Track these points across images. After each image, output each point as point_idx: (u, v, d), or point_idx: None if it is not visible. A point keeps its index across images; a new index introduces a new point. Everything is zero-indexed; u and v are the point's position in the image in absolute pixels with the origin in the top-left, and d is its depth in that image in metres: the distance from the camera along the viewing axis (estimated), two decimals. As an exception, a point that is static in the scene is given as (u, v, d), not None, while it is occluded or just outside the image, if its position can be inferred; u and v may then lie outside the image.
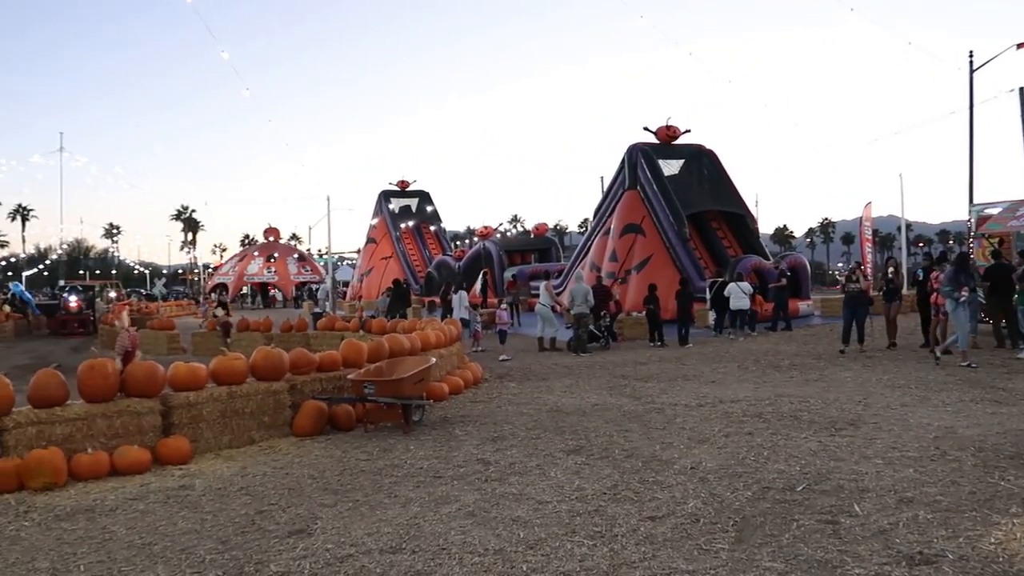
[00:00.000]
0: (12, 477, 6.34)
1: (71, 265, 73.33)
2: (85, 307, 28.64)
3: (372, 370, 8.98)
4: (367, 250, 47.55)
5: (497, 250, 35.63)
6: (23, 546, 5.03)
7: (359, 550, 4.70)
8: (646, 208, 23.95)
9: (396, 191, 47.83)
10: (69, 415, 6.91)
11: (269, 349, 8.56)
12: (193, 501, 5.98)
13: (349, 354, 9.51)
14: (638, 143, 25.00)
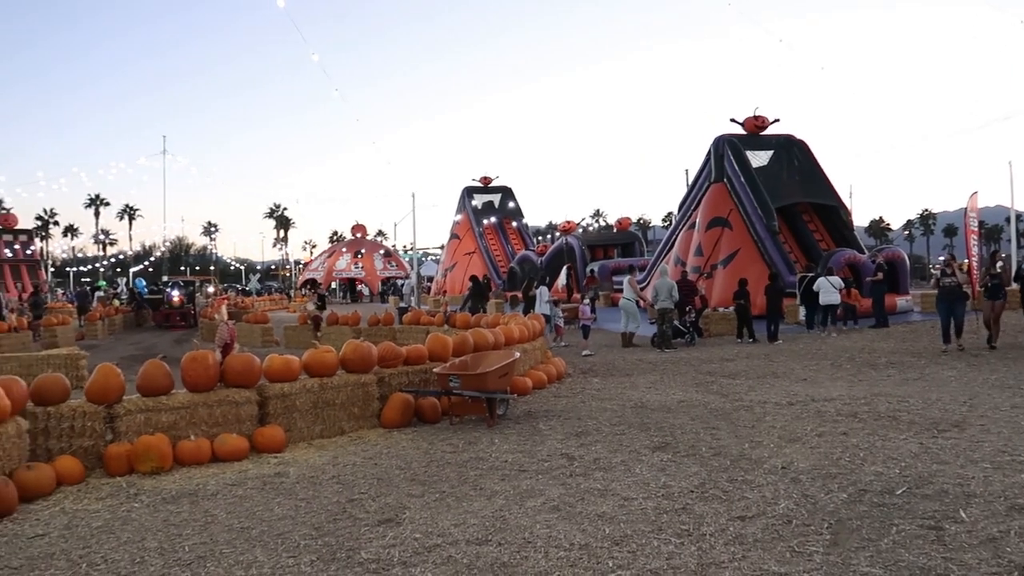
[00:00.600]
0: (123, 461, 6.73)
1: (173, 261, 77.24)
2: (186, 301, 30.10)
3: (457, 364, 9.10)
4: (451, 246, 48.21)
5: (579, 245, 35.51)
6: (134, 526, 5.33)
7: (446, 540, 4.78)
8: (733, 201, 23.38)
9: (479, 187, 48.29)
10: (174, 403, 7.29)
11: (358, 343, 8.79)
12: (288, 488, 6.20)
13: (435, 348, 9.66)
14: (725, 134, 24.43)
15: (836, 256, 20.68)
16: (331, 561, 4.51)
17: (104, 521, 5.46)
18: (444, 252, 51.13)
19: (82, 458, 6.74)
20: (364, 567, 4.39)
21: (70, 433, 6.86)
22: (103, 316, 26.67)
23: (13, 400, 6.30)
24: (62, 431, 6.84)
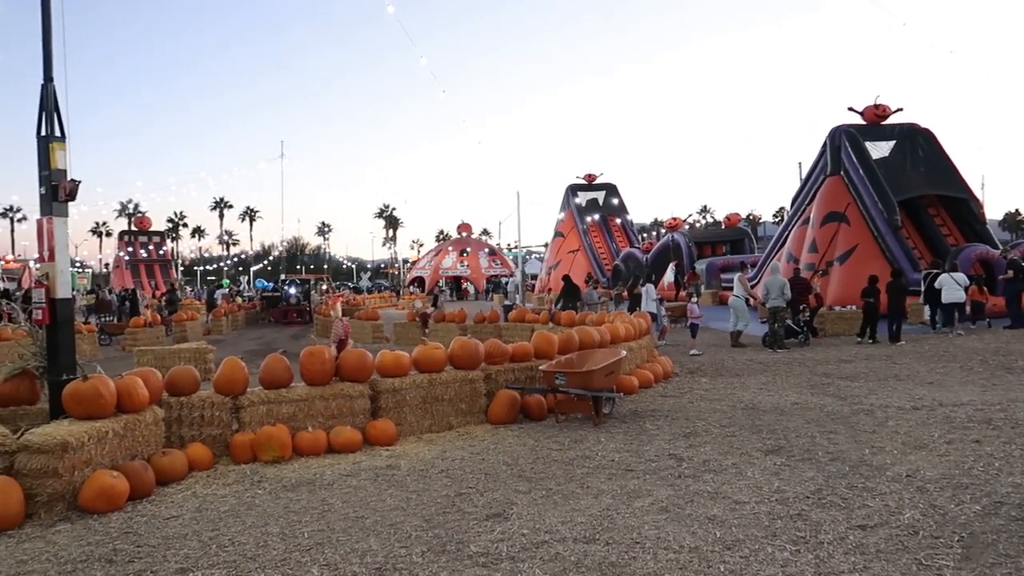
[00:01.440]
0: (247, 449, 7.12)
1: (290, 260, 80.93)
2: (302, 299, 31.48)
3: (563, 361, 9.11)
4: (554, 244, 48.25)
5: (686, 242, 34.82)
6: (257, 512, 5.62)
7: (553, 537, 4.80)
8: (851, 194, 22.29)
9: (583, 184, 48.10)
10: (293, 396, 7.64)
11: (466, 339, 8.94)
12: (399, 480, 6.38)
13: (541, 345, 9.70)
14: (842, 125, 23.31)
15: (965, 252, 19.38)
16: (441, 553, 4.61)
17: (231, 506, 5.79)
18: (548, 250, 51.24)
19: (210, 445, 7.18)
20: (473, 560, 4.46)
21: (200, 422, 7.31)
22: (227, 313, 28.25)
23: (151, 390, 6.77)
24: (193, 420, 7.31)
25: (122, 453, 6.21)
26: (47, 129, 6.89)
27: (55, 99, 6.94)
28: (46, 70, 6.94)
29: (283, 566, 4.48)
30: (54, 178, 6.84)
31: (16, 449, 5.61)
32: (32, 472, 5.53)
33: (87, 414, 6.12)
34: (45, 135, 6.87)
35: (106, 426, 6.06)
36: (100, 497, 5.62)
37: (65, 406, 6.23)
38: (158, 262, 61.59)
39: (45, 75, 6.93)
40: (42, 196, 6.91)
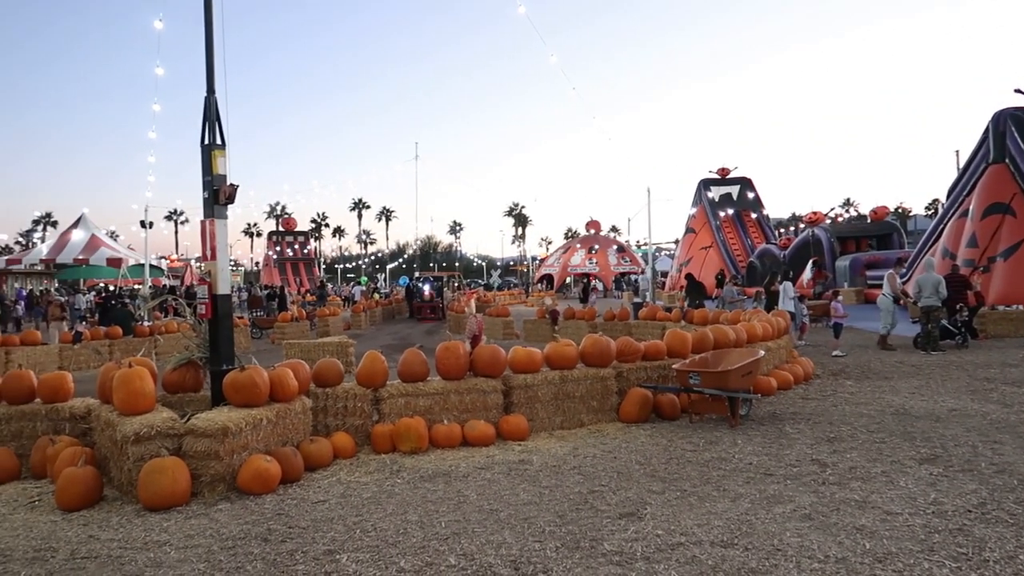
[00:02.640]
0: (387, 440, 7.41)
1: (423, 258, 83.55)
2: (436, 295, 32.42)
3: (697, 360, 8.90)
4: (686, 240, 47.20)
5: (828, 237, 33.09)
6: (397, 500, 5.85)
7: (689, 539, 4.70)
8: (1017, 184, 20.44)
9: (716, 179, 46.78)
10: (429, 390, 7.89)
11: (597, 337, 8.90)
12: (532, 475, 6.45)
13: (673, 344, 9.52)
14: (1007, 108, 21.40)
15: None
16: (575, 549, 4.62)
17: (372, 493, 6.05)
18: (679, 247, 50.19)
19: (353, 435, 7.53)
20: (607, 558, 4.44)
21: (343, 412, 7.69)
22: (366, 309, 29.53)
23: (300, 381, 7.19)
24: (337, 410, 7.69)
25: (274, 439, 6.62)
26: (209, 138, 7.45)
27: (216, 110, 7.50)
28: (209, 83, 7.51)
29: (422, 553, 4.64)
30: (215, 183, 7.40)
31: (184, 432, 6.12)
32: (197, 454, 6.01)
33: (244, 402, 6.58)
34: (208, 143, 7.43)
35: (261, 414, 6.49)
36: (256, 480, 6.03)
37: (225, 394, 6.72)
38: (303, 260, 65.26)
39: (208, 88, 7.50)
40: (205, 200, 7.49)
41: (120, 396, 6.41)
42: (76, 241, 44.81)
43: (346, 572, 4.37)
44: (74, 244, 44.49)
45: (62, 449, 6.59)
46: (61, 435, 7.06)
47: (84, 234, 45.58)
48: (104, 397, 7.01)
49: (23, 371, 7.55)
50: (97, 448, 6.74)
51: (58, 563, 4.69)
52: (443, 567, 4.40)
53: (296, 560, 4.59)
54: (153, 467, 5.76)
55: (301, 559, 4.61)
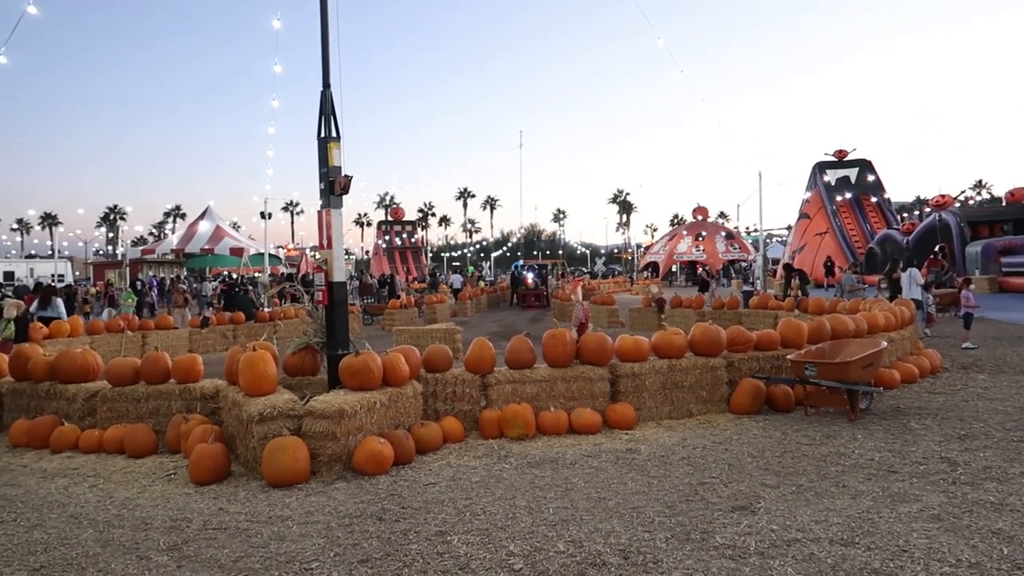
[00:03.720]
0: (495, 425, 7.51)
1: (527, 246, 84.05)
2: (540, 283, 32.54)
3: (813, 351, 8.54)
4: (799, 226, 45.37)
5: (956, 221, 31.02)
6: (505, 485, 5.92)
7: (807, 536, 4.53)
8: None
9: (832, 162, 44.68)
10: (536, 377, 7.93)
11: (707, 326, 8.69)
12: (639, 464, 6.38)
13: (788, 333, 9.18)
14: None
15: None
16: (685, 541, 4.54)
17: (481, 477, 6.15)
18: (792, 233, 48.30)
19: (461, 420, 7.68)
20: (719, 552, 4.35)
21: (452, 397, 7.85)
22: (471, 296, 30.00)
23: (411, 366, 7.38)
24: (446, 395, 7.86)
25: (387, 422, 6.84)
26: (325, 131, 7.73)
27: (332, 104, 7.77)
28: (325, 78, 7.79)
29: (531, 538, 4.68)
30: (331, 174, 7.67)
31: (303, 414, 6.40)
32: (315, 435, 6.28)
33: (359, 385, 6.82)
34: (324, 136, 7.71)
35: (374, 397, 6.71)
36: (370, 460, 6.25)
37: (341, 378, 6.99)
38: (410, 249, 66.86)
39: (324, 82, 7.78)
40: (321, 191, 7.78)
41: (246, 378, 6.78)
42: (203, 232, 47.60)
43: (457, 553, 4.47)
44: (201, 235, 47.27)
45: (194, 427, 7.04)
46: (193, 413, 7.53)
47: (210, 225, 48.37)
48: (231, 379, 7.43)
49: (159, 353, 8.10)
50: (225, 426, 7.15)
51: (192, 532, 5.01)
52: (552, 553, 4.43)
53: (409, 540, 4.73)
54: (275, 446, 6.07)
55: (414, 539, 4.74)
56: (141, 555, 4.61)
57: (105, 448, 7.41)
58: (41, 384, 8.35)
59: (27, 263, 56.84)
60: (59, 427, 7.73)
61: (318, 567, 4.34)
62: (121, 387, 7.88)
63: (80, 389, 8.05)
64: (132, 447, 7.22)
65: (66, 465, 7.02)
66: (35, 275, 49.39)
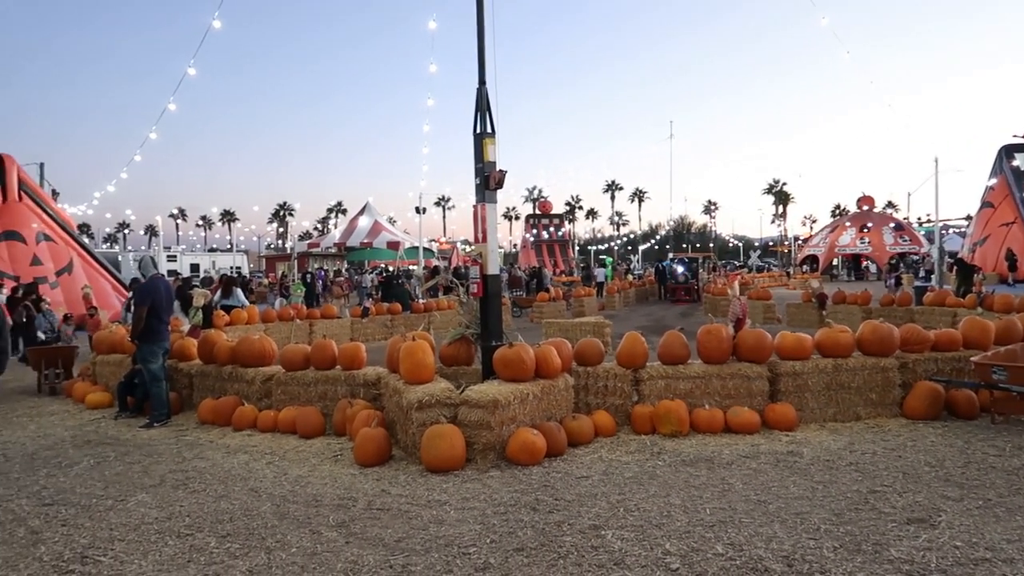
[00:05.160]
0: (647, 421, 7.40)
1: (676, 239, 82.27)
2: (690, 277, 31.74)
3: (1003, 353, 7.76)
4: (981, 216, 41.42)
5: None
6: (659, 482, 5.82)
7: (997, 556, 4.13)
8: None
9: (1022, 145, 40.40)
10: (690, 373, 7.73)
11: (877, 323, 8.12)
12: (802, 468, 6.07)
13: (972, 333, 8.40)
14: None
15: None
16: (856, 552, 4.27)
17: (634, 473, 6.08)
18: (972, 224, 44.20)
19: (613, 414, 7.62)
20: (895, 566, 4.05)
21: (604, 391, 7.81)
22: (619, 290, 29.73)
23: (563, 359, 7.42)
24: (598, 389, 7.83)
25: (539, 414, 6.90)
26: (481, 127, 7.89)
27: (487, 100, 7.92)
28: (480, 75, 7.95)
29: (687, 538, 4.57)
30: (486, 169, 7.83)
31: (459, 403, 6.59)
32: (470, 423, 6.44)
33: (512, 377, 6.93)
34: (479, 132, 7.88)
35: (527, 388, 6.79)
36: (523, 451, 6.33)
37: (495, 368, 7.13)
38: (558, 242, 67.23)
39: (480, 79, 7.94)
40: (477, 186, 7.96)
41: (406, 366, 7.07)
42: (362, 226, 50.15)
43: (612, 548, 4.44)
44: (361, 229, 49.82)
45: (358, 411, 7.42)
46: (357, 399, 7.95)
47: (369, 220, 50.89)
48: (392, 367, 7.77)
49: (327, 341, 8.60)
50: (386, 412, 7.49)
51: (358, 511, 5.29)
52: (710, 554, 4.30)
53: (563, 531, 4.75)
54: (434, 432, 6.28)
55: (568, 531, 4.76)
56: (313, 529, 4.93)
57: (279, 428, 7.98)
58: (224, 367, 9.11)
59: (209, 256, 62.23)
60: (240, 407, 8.40)
61: (475, 552, 4.45)
62: (293, 372, 8.45)
63: (258, 373, 8.71)
64: (303, 428, 7.73)
65: (246, 442, 7.62)
66: (216, 267, 54.02)
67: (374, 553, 4.48)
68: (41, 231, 23.66)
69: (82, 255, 25.45)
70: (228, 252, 71.59)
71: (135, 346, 8.98)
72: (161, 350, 8.84)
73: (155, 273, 9.18)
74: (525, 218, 75.55)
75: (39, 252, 23.03)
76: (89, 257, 26.05)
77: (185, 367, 9.58)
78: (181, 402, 9.34)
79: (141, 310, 8.66)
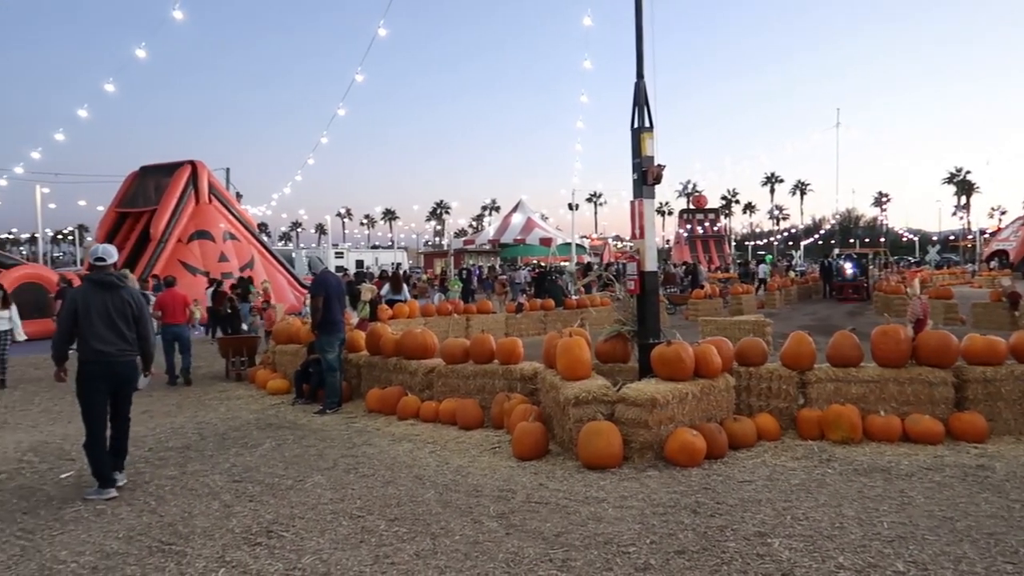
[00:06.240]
0: (814, 426, 7.02)
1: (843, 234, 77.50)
2: (859, 274, 29.77)
3: None
4: None
5: None
6: (829, 491, 5.50)
7: None
8: None
9: None
10: (863, 376, 7.25)
11: (1086, 326, 7.25)
12: (995, 484, 5.54)
13: None
14: None
15: None
16: (1064, 581, 3.84)
17: (801, 480, 5.79)
18: None
19: (777, 417, 7.29)
20: (1113, 600, 3.61)
21: (767, 393, 7.49)
22: (780, 287, 28.40)
23: (723, 358, 7.18)
24: (760, 391, 7.52)
25: (698, 414, 6.72)
26: (639, 121, 7.78)
27: (645, 94, 7.80)
28: (639, 69, 7.84)
29: (863, 552, 4.29)
30: (644, 164, 7.72)
31: (616, 400, 6.55)
32: (628, 421, 6.39)
33: (670, 375, 6.80)
34: (637, 127, 7.78)
35: (686, 388, 6.64)
36: (682, 452, 6.20)
37: (652, 366, 7.02)
38: (712, 238, 65.31)
39: (638, 73, 7.83)
40: (634, 181, 7.87)
41: (563, 362, 7.11)
42: (516, 223, 51.06)
43: (779, 558, 4.25)
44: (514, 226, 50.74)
45: (516, 405, 7.56)
46: (514, 393, 8.10)
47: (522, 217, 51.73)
48: (548, 362, 7.85)
49: (485, 336, 8.83)
50: (542, 407, 7.57)
51: (517, 503, 5.39)
52: (889, 571, 4.02)
53: (727, 536, 4.61)
54: (591, 429, 6.29)
55: (731, 536, 4.61)
56: (475, 519, 5.07)
57: (440, 418, 8.28)
58: (390, 359, 9.58)
59: (372, 252, 65.67)
60: (403, 397, 8.80)
61: (635, 551, 4.41)
62: (453, 365, 8.74)
63: (420, 365, 9.08)
64: (463, 419, 7.98)
65: (410, 431, 7.97)
66: (379, 263, 56.89)
67: (534, 546, 4.55)
68: (227, 230, 25.89)
69: (262, 252, 27.61)
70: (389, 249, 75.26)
71: (315, 336, 9.62)
72: (337, 340, 9.41)
73: (324, 268, 9.86)
74: (679, 213, 73.87)
75: (225, 250, 25.22)
76: (268, 254, 28.22)
77: (354, 358, 10.16)
78: (350, 391, 9.91)
79: (316, 301, 9.27)
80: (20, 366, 13.82)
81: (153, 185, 25.45)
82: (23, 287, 19.11)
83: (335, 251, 55.17)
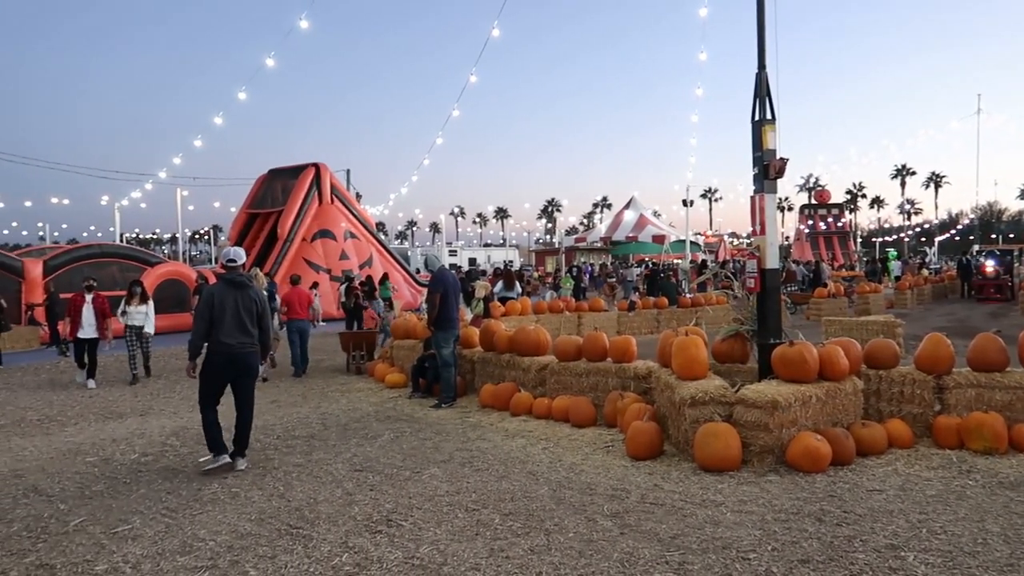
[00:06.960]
0: (953, 434, 6.56)
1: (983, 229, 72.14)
2: (1002, 272, 27.63)
3: None
4: None
5: None
6: (970, 504, 5.12)
7: None
8: None
9: None
10: (1009, 382, 6.71)
11: None
12: None
13: None
14: None
15: None
16: None
17: (937, 491, 5.42)
18: None
19: (910, 424, 6.86)
20: None
21: (899, 398, 7.06)
22: (912, 286, 26.75)
23: (851, 360, 6.83)
24: (892, 395, 7.10)
25: (823, 418, 6.42)
26: (760, 113, 7.51)
27: (767, 85, 7.52)
28: (760, 60, 7.56)
29: (1010, 572, 3.97)
30: (765, 158, 7.44)
31: (734, 401, 6.35)
32: (747, 424, 6.18)
33: (792, 377, 6.53)
34: (758, 119, 7.51)
35: (809, 390, 6.35)
36: (805, 457, 5.94)
37: (773, 367, 6.76)
38: (836, 234, 62.22)
39: (759, 64, 7.55)
40: (755, 175, 7.60)
41: (678, 362, 6.97)
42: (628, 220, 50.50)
43: (914, 573, 3.99)
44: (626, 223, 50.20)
45: (629, 404, 7.47)
46: (627, 391, 8.00)
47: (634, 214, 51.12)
48: (663, 361, 7.71)
49: (599, 333, 8.77)
50: (656, 406, 7.44)
51: (631, 503, 5.32)
52: (1041, 595, 3.70)
53: (855, 547, 4.37)
54: (707, 430, 6.13)
55: (860, 547, 4.37)
56: (588, 517, 5.04)
57: (553, 415, 8.29)
58: (503, 355, 9.68)
59: (484, 250, 66.64)
60: (516, 393, 8.87)
61: (755, 558, 4.26)
62: (566, 362, 8.73)
63: (533, 362, 9.12)
64: (575, 417, 7.96)
65: (523, 427, 8.03)
66: (491, 261, 57.65)
67: (649, 547, 4.47)
68: (348, 229, 26.92)
69: (379, 250, 28.55)
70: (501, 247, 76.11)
71: (431, 332, 9.85)
72: (452, 337, 9.60)
73: (441, 265, 10.04)
74: (799, 208, 70.84)
75: (346, 248, 26.23)
76: (385, 252, 29.15)
77: (468, 354, 10.33)
78: (465, 386, 10.09)
79: (434, 297, 9.48)
80: (163, 357, 14.90)
81: (280, 187, 26.81)
82: (165, 283, 20.57)
83: (448, 249, 56.35)
